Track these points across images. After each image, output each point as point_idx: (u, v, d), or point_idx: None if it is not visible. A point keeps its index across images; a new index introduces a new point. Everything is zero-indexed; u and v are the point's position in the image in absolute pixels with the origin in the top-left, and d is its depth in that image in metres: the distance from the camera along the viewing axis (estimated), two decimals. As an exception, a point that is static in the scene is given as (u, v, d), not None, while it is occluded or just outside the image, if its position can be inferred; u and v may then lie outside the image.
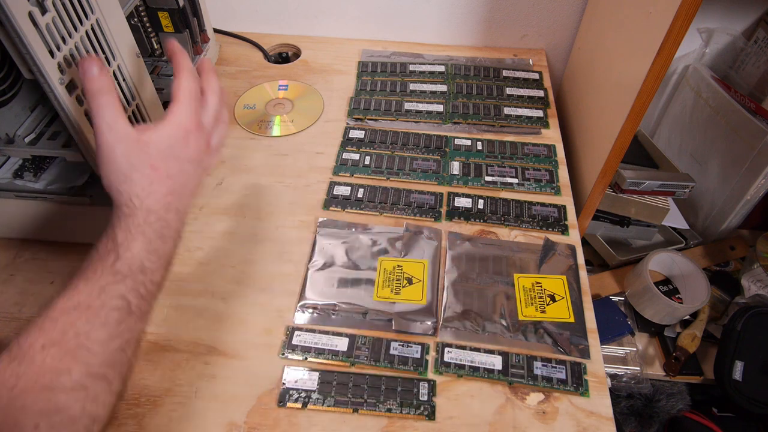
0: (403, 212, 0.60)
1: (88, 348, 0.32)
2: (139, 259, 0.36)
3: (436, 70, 0.78)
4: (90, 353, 0.32)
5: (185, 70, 0.42)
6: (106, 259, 0.35)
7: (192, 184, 0.42)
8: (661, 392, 0.76)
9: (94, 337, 0.32)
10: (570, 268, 0.54)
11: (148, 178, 0.38)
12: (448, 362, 0.47)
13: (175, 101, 0.41)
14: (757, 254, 0.79)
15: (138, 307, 0.35)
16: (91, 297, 0.33)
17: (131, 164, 0.37)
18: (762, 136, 0.70)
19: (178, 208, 0.39)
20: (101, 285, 0.34)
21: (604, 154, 0.60)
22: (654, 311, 0.75)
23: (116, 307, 0.34)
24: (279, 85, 0.77)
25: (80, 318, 0.32)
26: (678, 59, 0.83)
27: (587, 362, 0.47)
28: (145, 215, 0.37)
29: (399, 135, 0.68)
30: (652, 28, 0.50)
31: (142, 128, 0.39)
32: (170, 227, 0.38)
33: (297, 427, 0.44)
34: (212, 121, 0.44)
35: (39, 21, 0.40)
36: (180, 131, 0.40)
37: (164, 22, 0.65)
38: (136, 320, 0.35)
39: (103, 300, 0.33)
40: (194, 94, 0.42)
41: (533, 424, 0.44)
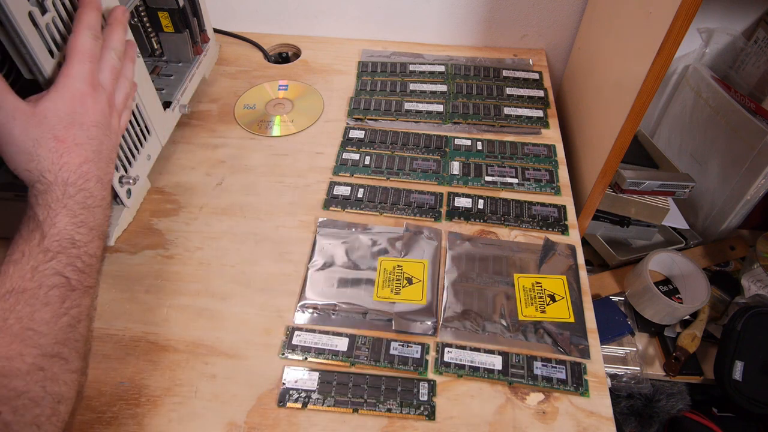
0: (403, 212, 0.60)
1: (35, 329, 0.31)
2: (68, 233, 0.35)
3: (436, 70, 0.78)
4: (38, 334, 0.31)
5: (81, 25, 0.40)
6: (31, 239, 0.34)
7: (106, 149, 0.40)
8: (661, 392, 0.76)
9: (38, 318, 0.32)
10: (570, 268, 0.54)
11: (55, 151, 0.36)
12: (448, 362, 0.47)
13: (66, 63, 0.40)
14: (757, 254, 0.79)
15: (79, 282, 0.34)
16: (24, 280, 0.32)
17: (33, 140, 0.36)
18: (762, 136, 0.70)
19: (98, 176, 0.38)
20: (32, 266, 0.33)
21: (604, 154, 0.60)
22: (654, 311, 0.75)
23: (55, 285, 0.33)
24: (279, 85, 0.77)
25: (18, 302, 0.32)
26: (678, 59, 0.83)
27: (587, 362, 0.48)
28: (62, 189, 0.36)
29: (399, 135, 0.68)
30: (652, 28, 0.50)
31: (34, 99, 0.38)
32: (94, 196, 0.37)
33: (297, 427, 0.44)
34: (111, 78, 0.42)
35: (39, 21, 0.40)
36: (75, 95, 0.39)
37: (164, 22, 0.65)
38: (81, 295, 0.34)
39: (39, 280, 0.33)
40: (87, 54, 0.40)
41: (533, 424, 0.44)
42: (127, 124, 0.46)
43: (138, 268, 0.55)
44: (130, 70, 0.45)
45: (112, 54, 0.42)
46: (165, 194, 0.62)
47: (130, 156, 0.55)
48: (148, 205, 0.61)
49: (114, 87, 0.43)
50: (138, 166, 0.57)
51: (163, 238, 0.57)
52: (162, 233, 0.58)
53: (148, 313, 0.51)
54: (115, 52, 0.43)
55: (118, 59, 0.43)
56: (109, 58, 0.42)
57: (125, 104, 0.45)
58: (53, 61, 0.42)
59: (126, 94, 0.45)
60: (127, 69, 0.45)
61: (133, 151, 0.56)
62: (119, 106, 0.43)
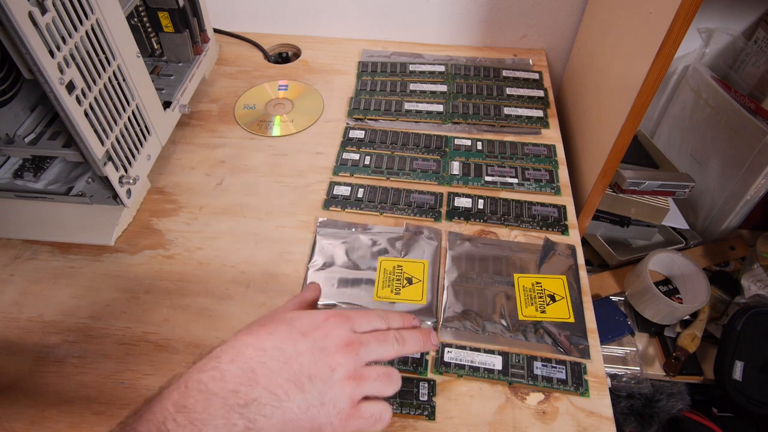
0: (403, 212, 0.59)
1: None
2: (163, 416, 0.28)
3: (436, 70, 0.78)
4: None
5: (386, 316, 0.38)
6: (138, 411, 0.30)
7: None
8: (661, 392, 0.76)
9: None
10: (570, 268, 0.54)
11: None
12: (448, 362, 0.47)
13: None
14: (757, 254, 0.79)
15: None
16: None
17: None
18: (762, 136, 0.70)
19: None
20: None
21: (604, 154, 0.60)
22: (654, 311, 0.75)
23: None
24: (279, 85, 0.77)
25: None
26: (678, 59, 0.83)
27: (587, 362, 0.47)
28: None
29: (399, 135, 0.68)
30: (652, 28, 0.50)
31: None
32: (225, 385, 0.30)
33: (297, 427, 0.44)
34: (376, 372, 0.36)
35: (39, 21, 0.40)
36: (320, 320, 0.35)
37: (164, 22, 0.65)
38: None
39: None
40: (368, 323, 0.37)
41: (533, 424, 0.44)
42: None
43: (138, 268, 0.55)
44: (398, 380, 0.37)
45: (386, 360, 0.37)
46: (165, 194, 0.62)
47: (130, 156, 0.55)
48: (148, 205, 0.61)
49: (372, 377, 0.36)
50: (138, 166, 0.57)
51: (163, 238, 0.57)
52: (162, 233, 0.58)
53: (148, 313, 0.51)
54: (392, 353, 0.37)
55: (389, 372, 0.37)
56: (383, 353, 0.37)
57: (373, 416, 0.35)
58: (53, 61, 0.42)
59: (380, 407, 0.36)
60: (396, 377, 0.37)
61: (133, 151, 0.56)
62: (366, 412, 0.35)
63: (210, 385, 0.30)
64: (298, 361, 0.33)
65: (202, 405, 0.29)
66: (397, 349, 0.37)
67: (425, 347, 0.39)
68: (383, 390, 0.36)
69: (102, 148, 0.50)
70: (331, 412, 0.33)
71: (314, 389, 0.32)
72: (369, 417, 0.35)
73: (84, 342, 0.49)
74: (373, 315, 0.38)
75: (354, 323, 0.37)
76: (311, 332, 0.34)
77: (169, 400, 0.29)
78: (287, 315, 0.36)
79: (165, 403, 0.29)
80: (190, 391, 0.29)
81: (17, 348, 0.49)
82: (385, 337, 0.37)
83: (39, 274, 0.54)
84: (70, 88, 0.45)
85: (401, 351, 0.37)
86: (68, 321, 0.50)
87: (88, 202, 0.56)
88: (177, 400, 0.29)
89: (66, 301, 0.52)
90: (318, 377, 0.33)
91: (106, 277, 0.54)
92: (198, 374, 0.30)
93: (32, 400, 0.45)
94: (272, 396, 0.31)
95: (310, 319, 0.36)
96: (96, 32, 0.48)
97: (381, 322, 0.38)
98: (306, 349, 0.33)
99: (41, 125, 0.54)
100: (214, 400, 0.29)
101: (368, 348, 0.36)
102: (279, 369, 0.32)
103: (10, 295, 0.53)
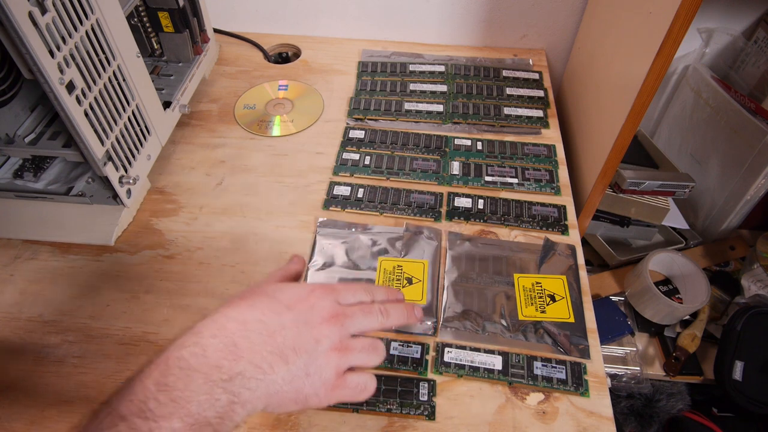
0: (403, 212, 0.59)
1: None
2: (144, 395, 0.28)
3: (436, 70, 0.78)
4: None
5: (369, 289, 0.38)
6: (119, 392, 0.29)
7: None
8: (661, 392, 0.76)
9: None
10: (570, 268, 0.54)
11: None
12: (448, 362, 0.47)
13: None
14: (757, 254, 0.79)
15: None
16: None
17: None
18: (762, 136, 0.70)
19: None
20: (100, 429, 0.27)
21: (604, 154, 0.60)
22: (654, 311, 0.75)
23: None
24: (279, 85, 0.77)
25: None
26: (678, 59, 0.83)
27: (587, 362, 0.47)
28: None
29: (399, 135, 0.68)
30: (652, 28, 0.50)
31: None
32: (207, 360, 0.29)
33: (297, 427, 0.44)
34: (361, 343, 0.36)
35: (39, 21, 0.40)
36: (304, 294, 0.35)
37: (164, 22, 0.65)
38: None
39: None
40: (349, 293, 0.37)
41: (533, 424, 0.44)
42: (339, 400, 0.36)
43: (138, 268, 0.55)
44: (382, 351, 0.38)
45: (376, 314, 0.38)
46: (165, 194, 0.62)
47: (130, 156, 0.55)
48: (148, 205, 0.61)
49: (357, 349, 0.36)
50: (138, 166, 0.57)
51: (163, 238, 0.57)
52: (162, 233, 0.58)
53: (148, 313, 0.51)
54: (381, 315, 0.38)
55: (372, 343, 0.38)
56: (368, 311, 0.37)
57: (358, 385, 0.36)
58: (53, 61, 0.42)
59: (364, 377, 0.36)
60: (380, 347, 0.38)
61: (133, 151, 0.56)
62: (349, 381, 0.35)
63: (191, 361, 0.29)
64: (282, 333, 0.32)
65: (184, 382, 0.28)
66: (381, 321, 0.37)
67: (409, 320, 0.39)
68: (368, 361, 0.36)
69: (102, 148, 0.50)
70: (316, 383, 0.33)
71: (299, 361, 0.32)
72: (354, 387, 0.35)
73: (84, 342, 0.49)
74: (358, 288, 0.39)
75: (339, 296, 0.37)
76: (295, 305, 0.34)
77: (150, 378, 0.28)
78: (270, 287, 0.36)
79: (146, 382, 0.28)
80: (170, 368, 0.29)
81: (17, 348, 0.49)
82: (369, 309, 0.37)
83: (39, 274, 0.54)
84: (70, 88, 0.45)
85: (385, 323, 0.38)
86: (68, 321, 0.50)
87: (88, 202, 0.56)
88: (158, 378, 0.28)
89: (66, 301, 0.52)
90: (303, 349, 0.33)
91: (106, 277, 0.54)
92: (179, 351, 0.29)
93: (32, 400, 0.45)
94: (257, 369, 0.30)
95: (294, 291, 0.35)
96: (96, 32, 0.48)
97: (366, 295, 0.38)
98: (290, 321, 0.33)
99: (41, 125, 0.54)
100: (195, 376, 0.28)
101: (353, 320, 0.36)
102: (262, 342, 0.31)
103: (10, 295, 0.53)
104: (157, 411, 0.27)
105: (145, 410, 0.27)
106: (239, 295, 0.35)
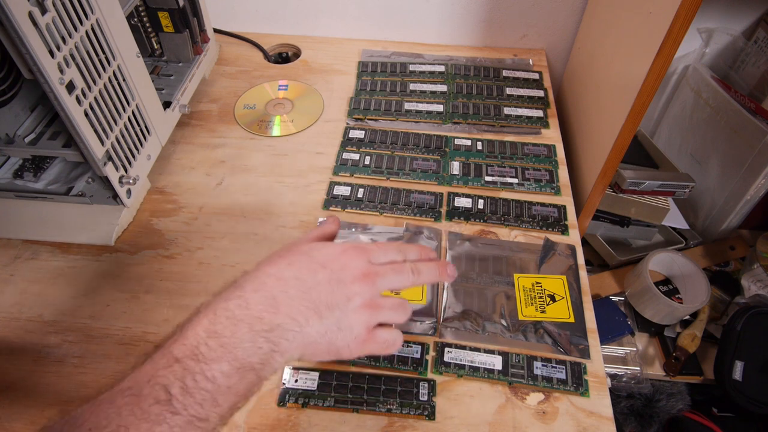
0: (403, 212, 0.59)
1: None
2: (196, 340, 0.30)
3: (436, 70, 0.78)
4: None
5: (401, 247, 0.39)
6: (172, 337, 0.31)
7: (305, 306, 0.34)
8: (661, 392, 0.76)
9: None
10: (570, 268, 0.54)
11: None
12: (448, 362, 0.47)
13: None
14: (757, 254, 0.79)
15: (183, 405, 0.28)
16: (141, 383, 0.28)
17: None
18: (762, 136, 0.70)
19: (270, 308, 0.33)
20: (156, 368, 0.29)
21: (604, 154, 0.60)
22: (654, 311, 0.75)
23: (157, 400, 0.28)
24: (279, 85, 0.77)
25: (126, 406, 0.27)
26: (678, 59, 0.83)
27: (587, 362, 0.47)
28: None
29: (399, 135, 0.68)
30: (652, 28, 0.50)
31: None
32: (250, 312, 0.32)
33: (297, 427, 0.44)
34: (390, 302, 0.38)
35: (39, 21, 0.40)
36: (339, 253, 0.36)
37: (164, 22, 0.65)
38: (182, 425, 0.28)
39: (150, 389, 0.28)
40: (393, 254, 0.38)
41: (533, 424, 0.44)
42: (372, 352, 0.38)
43: (138, 268, 0.55)
44: (408, 310, 0.39)
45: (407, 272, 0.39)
46: (165, 194, 0.62)
47: (130, 156, 0.55)
48: (148, 205, 0.61)
49: (387, 307, 0.37)
50: (138, 166, 0.57)
51: (163, 238, 0.57)
52: (162, 233, 0.58)
53: (148, 313, 0.51)
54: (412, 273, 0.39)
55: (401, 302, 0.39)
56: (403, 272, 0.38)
57: (384, 340, 0.37)
58: (53, 61, 0.42)
59: (391, 334, 0.38)
60: (407, 307, 0.39)
61: (133, 151, 0.56)
62: (379, 335, 0.37)
63: (236, 312, 0.32)
64: (317, 290, 0.34)
65: (231, 330, 0.31)
66: (412, 279, 0.38)
67: (441, 278, 0.40)
68: (396, 318, 0.38)
69: (102, 148, 0.50)
70: (347, 337, 0.35)
71: (332, 316, 0.34)
72: (383, 342, 0.37)
73: (84, 342, 0.49)
74: (390, 247, 0.40)
75: (371, 255, 0.38)
76: (329, 263, 0.36)
77: (200, 325, 0.31)
78: (306, 246, 0.38)
79: (197, 329, 0.31)
80: (218, 317, 0.31)
81: (17, 348, 0.49)
82: (401, 268, 0.38)
83: (39, 274, 0.54)
84: (70, 88, 0.45)
85: (416, 281, 0.39)
86: (68, 321, 0.50)
87: (88, 202, 0.56)
88: (207, 326, 0.31)
89: (66, 301, 0.52)
90: (335, 306, 0.35)
91: (106, 277, 0.54)
92: (225, 302, 0.32)
93: (32, 400, 0.45)
94: (293, 322, 0.33)
95: (329, 250, 0.37)
96: (96, 32, 0.48)
97: (398, 254, 0.40)
98: (324, 279, 0.35)
99: (41, 125, 0.54)
100: (241, 325, 0.31)
101: (384, 278, 0.37)
102: (299, 297, 0.34)
103: (10, 295, 0.53)
104: (208, 354, 0.29)
105: (197, 353, 0.29)
106: (278, 252, 0.37)
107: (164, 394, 0.28)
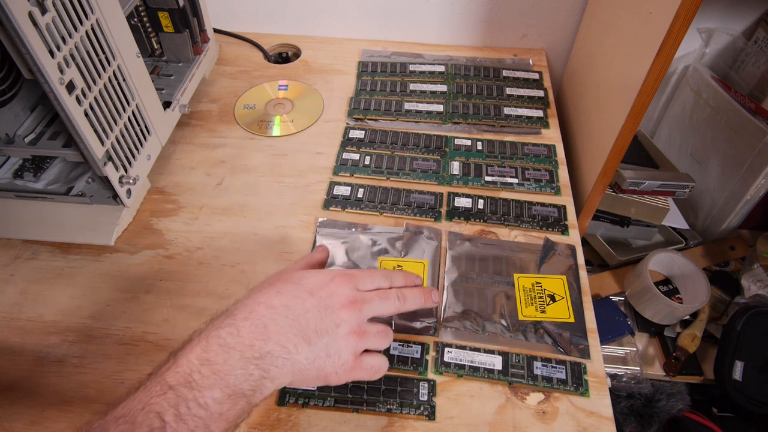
0: (403, 212, 0.59)
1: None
2: (189, 368, 0.31)
3: (436, 70, 0.78)
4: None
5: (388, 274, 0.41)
6: (165, 364, 0.32)
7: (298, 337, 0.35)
8: (661, 392, 0.76)
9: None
10: (570, 268, 0.54)
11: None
12: (448, 362, 0.47)
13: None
14: (757, 254, 0.79)
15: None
16: (135, 410, 0.29)
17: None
18: (762, 136, 0.70)
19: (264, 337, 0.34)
20: (150, 396, 0.29)
21: (604, 154, 0.60)
22: (654, 311, 0.75)
23: (151, 428, 0.28)
24: (279, 85, 0.77)
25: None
26: (678, 59, 0.83)
27: (587, 362, 0.47)
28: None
29: (399, 135, 0.68)
30: (652, 28, 0.50)
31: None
32: (241, 340, 0.33)
33: (297, 427, 0.44)
34: (376, 328, 0.39)
35: (39, 21, 0.40)
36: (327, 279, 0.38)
37: (164, 22, 0.65)
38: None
39: (144, 416, 0.28)
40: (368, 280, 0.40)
41: (533, 424, 0.44)
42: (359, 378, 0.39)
43: (138, 268, 0.55)
44: (390, 335, 0.41)
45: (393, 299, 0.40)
46: (165, 194, 0.62)
47: (130, 156, 0.55)
48: (148, 205, 0.61)
49: (373, 333, 0.39)
50: (138, 166, 0.57)
51: (163, 238, 0.57)
52: (162, 233, 0.58)
53: (148, 313, 0.51)
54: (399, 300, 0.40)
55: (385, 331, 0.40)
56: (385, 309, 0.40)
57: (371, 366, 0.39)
58: (53, 61, 0.42)
59: (378, 360, 0.40)
60: (389, 333, 0.41)
61: (133, 151, 0.56)
62: (365, 362, 0.38)
63: (228, 339, 0.33)
64: (306, 317, 0.36)
65: (223, 357, 0.32)
66: (398, 305, 0.40)
67: (426, 304, 0.42)
68: (381, 344, 0.40)
69: (102, 148, 0.50)
70: (336, 363, 0.36)
71: (320, 343, 0.36)
72: (370, 368, 0.39)
73: (84, 342, 0.49)
74: (377, 274, 0.41)
75: (358, 282, 0.39)
76: (317, 291, 0.37)
77: (193, 353, 0.32)
78: (295, 275, 0.39)
79: (189, 357, 0.31)
80: (211, 345, 0.32)
81: (17, 348, 0.49)
82: (387, 294, 0.40)
83: (39, 274, 0.54)
84: (70, 88, 0.45)
85: (402, 308, 0.40)
86: (68, 321, 0.50)
87: (88, 202, 0.56)
88: (200, 353, 0.32)
89: (66, 301, 0.52)
90: (324, 332, 0.36)
91: (106, 277, 0.54)
92: (217, 330, 0.33)
93: (32, 400, 0.45)
94: (283, 349, 0.34)
95: (317, 278, 0.38)
96: (96, 32, 0.48)
97: (384, 281, 0.41)
98: (313, 306, 0.36)
99: (41, 125, 0.54)
100: (232, 353, 0.32)
101: (371, 305, 0.38)
102: (288, 325, 0.35)
103: (10, 295, 0.53)
104: (201, 382, 0.30)
105: (191, 381, 0.30)
106: (268, 281, 0.38)
107: (158, 422, 0.28)
